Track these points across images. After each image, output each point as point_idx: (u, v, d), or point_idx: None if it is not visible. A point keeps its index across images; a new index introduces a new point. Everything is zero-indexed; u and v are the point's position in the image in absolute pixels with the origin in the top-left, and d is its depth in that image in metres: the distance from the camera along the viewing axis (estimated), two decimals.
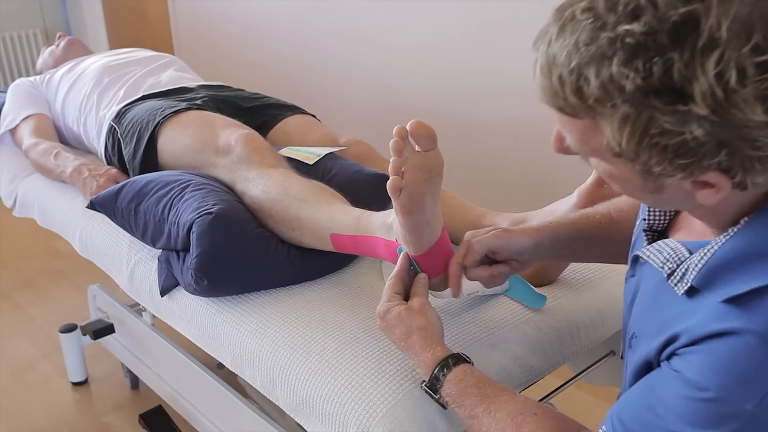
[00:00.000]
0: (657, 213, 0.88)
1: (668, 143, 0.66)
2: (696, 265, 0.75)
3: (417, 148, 0.99)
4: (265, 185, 1.33)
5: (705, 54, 0.62)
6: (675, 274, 0.79)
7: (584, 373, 1.35)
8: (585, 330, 1.23)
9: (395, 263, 1.07)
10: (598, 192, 1.19)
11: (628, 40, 0.64)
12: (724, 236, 0.74)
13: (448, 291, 1.08)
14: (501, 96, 2.28)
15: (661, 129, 0.65)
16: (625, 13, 0.64)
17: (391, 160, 0.97)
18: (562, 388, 1.30)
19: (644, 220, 0.89)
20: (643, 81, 0.64)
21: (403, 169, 0.97)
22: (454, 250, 1.08)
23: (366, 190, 1.39)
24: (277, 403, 1.16)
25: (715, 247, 0.74)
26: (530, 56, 0.73)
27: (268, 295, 1.26)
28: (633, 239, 0.96)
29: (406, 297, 1.05)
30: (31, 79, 2.07)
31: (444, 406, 0.98)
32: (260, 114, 1.77)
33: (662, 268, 0.80)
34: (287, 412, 1.15)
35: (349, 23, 2.72)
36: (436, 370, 0.96)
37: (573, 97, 0.69)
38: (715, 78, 0.61)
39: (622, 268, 1.36)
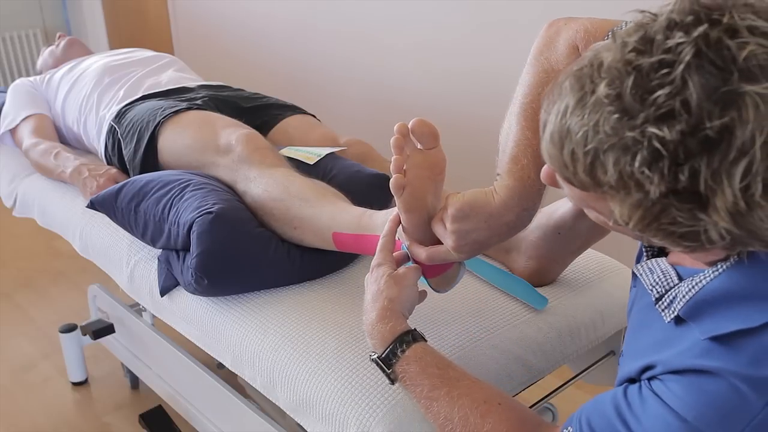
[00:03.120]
0: None
1: (677, 230, 0.65)
2: (684, 296, 0.74)
3: (419, 146, 0.99)
4: (267, 184, 1.33)
5: (734, 166, 0.59)
6: (663, 299, 0.77)
7: (584, 373, 1.35)
8: (585, 330, 1.23)
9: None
10: None
11: (656, 144, 0.60)
12: (713, 271, 0.73)
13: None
14: (501, 96, 2.27)
15: (673, 220, 0.64)
16: (655, 114, 0.60)
17: (392, 158, 0.97)
18: (562, 388, 1.30)
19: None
20: (666, 185, 0.61)
21: (405, 167, 0.97)
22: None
23: (366, 190, 1.39)
24: (277, 403, 1.16)
25: (704, 282, 0.73)
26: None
27: (268, 295, 1.26)
28: (638, 251, 0.93)
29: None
30: (31, 79, 2.07)
31: (392, 382, 0.96)
32: (260, 114, 1.77)
33: (651, 290, 0.79)
34: (287, 412, 1.15)
35: (349, 23, 2.72)
36: (394, 344, 0.95)
37: (584, 175, 0.66)
38: (741, 190, 0.60)
39: (622, 268, 1.37)
